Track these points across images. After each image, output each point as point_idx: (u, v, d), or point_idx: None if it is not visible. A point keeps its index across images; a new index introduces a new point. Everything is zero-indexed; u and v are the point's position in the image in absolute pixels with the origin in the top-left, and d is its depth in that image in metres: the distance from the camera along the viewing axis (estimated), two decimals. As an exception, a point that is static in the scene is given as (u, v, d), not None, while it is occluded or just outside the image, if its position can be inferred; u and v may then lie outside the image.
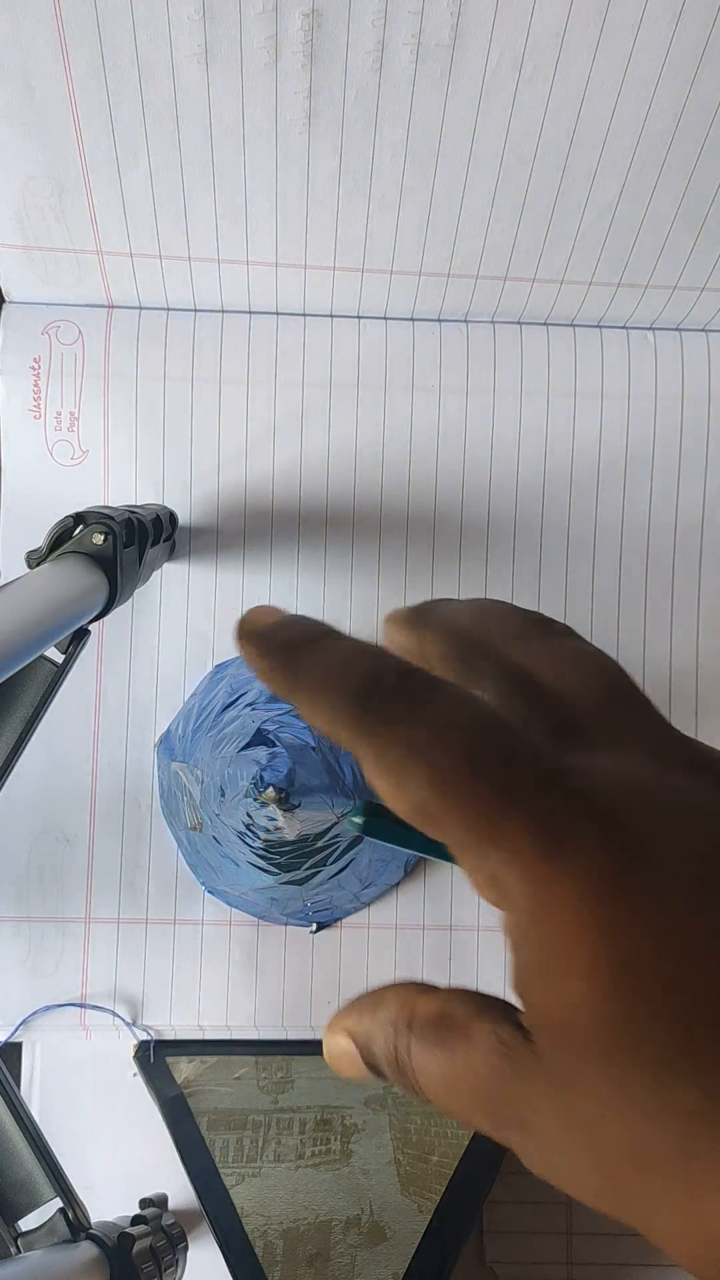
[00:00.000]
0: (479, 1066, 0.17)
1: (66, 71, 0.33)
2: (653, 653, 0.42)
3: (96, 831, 0.41)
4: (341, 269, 0.39)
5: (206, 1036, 0.41)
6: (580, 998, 0.15)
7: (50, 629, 0.29)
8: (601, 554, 0.42)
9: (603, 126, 0.34)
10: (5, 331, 0.40)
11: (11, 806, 0.40)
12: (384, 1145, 0.40)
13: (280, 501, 0.41)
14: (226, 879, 0.39)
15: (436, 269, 0.39)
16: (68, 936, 0.40)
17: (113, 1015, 0.40)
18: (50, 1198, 0.34)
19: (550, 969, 0.16)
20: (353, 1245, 0.39)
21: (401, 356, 0.41)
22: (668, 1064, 0.14)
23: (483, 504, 0.42)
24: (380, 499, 0.41)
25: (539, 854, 0.16)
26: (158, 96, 0.33)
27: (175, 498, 0.41)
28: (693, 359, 0.42)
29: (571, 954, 0.15)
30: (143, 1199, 0.40)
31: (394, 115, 0.34)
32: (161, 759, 0.40)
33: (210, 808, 0.37)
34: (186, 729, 0.39)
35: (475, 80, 0.33)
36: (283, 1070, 0.41)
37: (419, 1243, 0.39)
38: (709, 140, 0.35)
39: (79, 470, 0.41)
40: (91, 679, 0.41)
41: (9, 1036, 0.40)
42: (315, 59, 0.32)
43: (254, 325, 0.41)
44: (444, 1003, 0.18)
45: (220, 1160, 0.40)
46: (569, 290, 0.40)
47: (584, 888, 0.15)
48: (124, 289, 0.40)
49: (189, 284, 0.40)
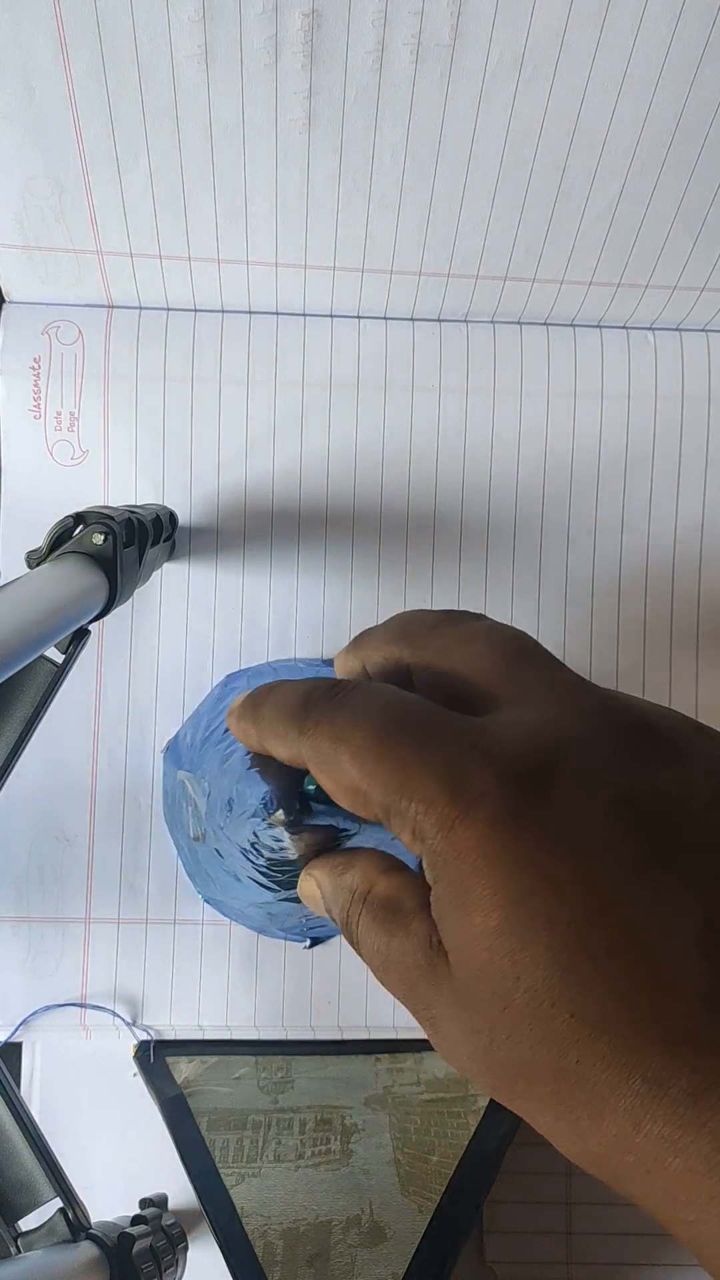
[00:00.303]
0: (408, 958, 0.19)
1: (66, 71, 0.33)
2: (653, 653, 0.42)
3: (96, 831, 0.41)
4: (341, 269, 0.39)
5: (206, 1036, 0.41)
6: (479, 930, 0.17)
7: (50, 629, 0.29)
8: (601, 554, 0.42)
9: (603, 127, 0.34)
10: (5, 331, 0.40)
11: (11, 806, 0.40)
12: (384, 1145, 0.40)
13: (280, 501, 0.41)
14: (225, 891, 0.39)
15: (436, 269, 0.39)
16: (68, 936, 0.40)
17: (113, 1015, 0.40)
18: (50, 1198, 0.34)
19: (456, 902, 0.17)
20: (353, 1245, 0.39)
21: (401, 356, 0.41)
22: (548, 992, 0.16)
23: (483, 504, 0.42)
24: (380, 499, 0.41)
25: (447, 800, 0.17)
26: (158, 97, 0.33)
27: (175, 498, 0.41)
28: (693, 359, 0.42)
29: (473, 890, 0.17)
30: (143, 1199, 0.40)
31: (394, 115, 0.34)
32: (167, 765, 0.40)
33: (215, 820, 0.37)
34: (195, 739, 0.39)
35: (475, 80, 0.33)
36: (283, 1070, 0.41)
37: (419, 1243, 0.39)
38: (709, 140, 0.35)
39: (79, 470, 0.41)
40: (91, 679, 0.41)
41: (9, 1036, 0.40)
42: (315, 59, 0.32)
43: (254, 325, 0.41)
44: (399, 889, 0.20)
45: (220, 1160, 0.40)
46: (569, 290, 0.40)
47: (486, 830, 0.17)
48: (124, 289, 0.40)
49: (189, 284, 0.40)
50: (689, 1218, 0.15)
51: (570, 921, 0.16)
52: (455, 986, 0.18)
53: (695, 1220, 0.15)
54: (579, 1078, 0.16)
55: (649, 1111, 0.15)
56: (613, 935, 0.16)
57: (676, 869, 0.16)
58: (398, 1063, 0.41)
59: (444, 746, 0.18)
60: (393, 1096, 0.41)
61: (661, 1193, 0.15)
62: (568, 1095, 0.16)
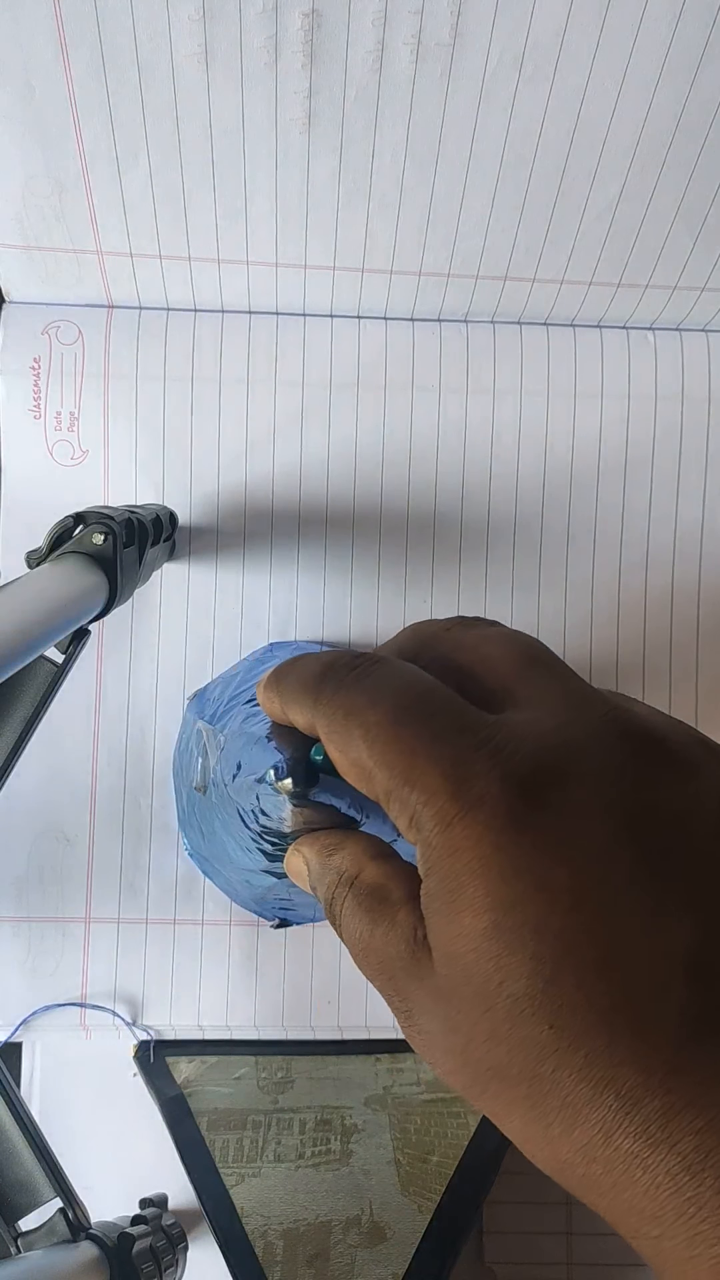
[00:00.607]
0: (390, 948, 0.19)
1: (66, 71, 0.33)
2: (653, 653, 0.42)
3: (96, 831, 0.41)
4: (341, 269, 0.39)
5: (206, 1036, 0.41)
6: (467, 930, 0.17)
7: (50, 629, 0.29)
8: (601, 554, 0.42)
9: (603, 126, 0.34)
10: (5, 331, 0.40)
11: (11, 806, 0.40)
12: (384, 1145, 0.40)
13: (280, 501, 0.41)
14: (212, 849, 0.38)
15: (436, 269, 0.39)
16: (68, 936, 0.40)
17: (113, 1015, 0.40)
18: (50, 1198, 0.34)
19: (447, 899, 0.17)
20: (353, 1245, 0.39)
21: (401, 356, 0.41)
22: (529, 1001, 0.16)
23: (483, 503, 0.42)
24: (380, 499, 0.41)
25: (449, 795, 0.17)
26: (158, 96, 0.33)
27: (175, 498, 0.41)
28: (693, 359, 0.42)
29: (465, 889, 0.17)
30: (143, 1199, 0.40)
31: (394, 115, 0.34)
32: (189, 713, 0.40)
33: (222, 776, 0.36)
34: (223, 695, 0.39)
35: (475, 80, 0.33)
36: (283, 1070, 0.41)
37: (419, 1243, 0.39)
38: (709, 140, 0.35)
39: (79, 470, 0.41)
40: (91, 679, 0.41)
41: (9, 1036, 0.40)
42: (315, 59, 0.32)
43: (254, 325, 0.41)
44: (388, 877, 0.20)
45: (220, 1160, 0.40)
46: (569, 290, 0.40)
47: (483, 831, 0.17)
48: (124, 289, 0.40)
49: (189, 284, 0.40)
50: (653, 1233, 0.15)
51: (559, 933, 0.16)
52: (437, 983, 0.18)
53: (659, 1236, 0.15)
54: (553, 1084, 0.16)
55: (620, 1126, 0.15)
56: (600, 951, 0.16)
57: (673, 889, 0.16)
58: (398, 1063, 0.41)
59: (453, 740, 0.18)
60: (393, 1096, 0.41)
61: (626, 1206, 0.15)
62: (540, 1101, 0.16)
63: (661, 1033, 0.15)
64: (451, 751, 0.18)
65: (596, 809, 0.17)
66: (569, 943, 0.16)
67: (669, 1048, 0.15)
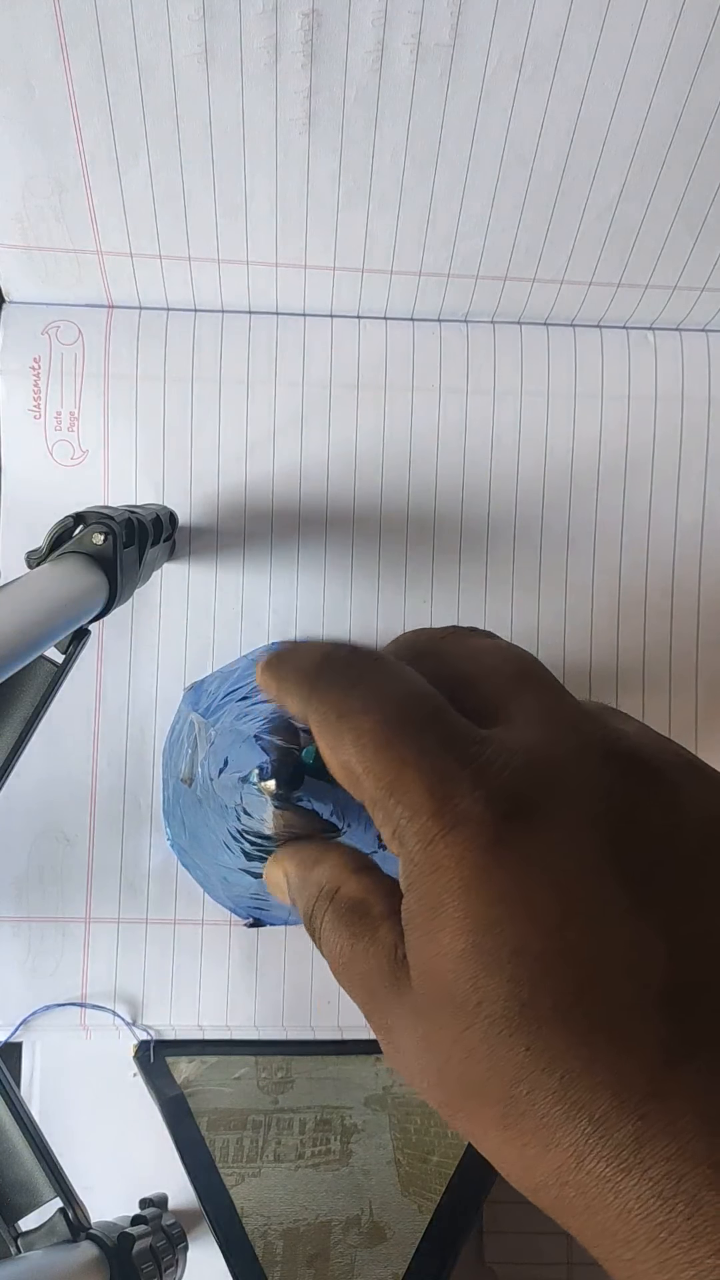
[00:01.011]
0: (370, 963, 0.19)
1: (66, 71, 0.33)
2: (653, 653, 0.42)
3: (96, 831, 0.41)
4: (341, 269, 0.39)
5: (206, 1036, 0.41)
6: (446, 949, 0.17)
7: (50, 629, 0.29)
8: (601, 554, 0.42)
9: (603, 126, 0.34)
10: (5, 331, 0.40)
11: (11, 806, 0.40)
12: (384, 1145, 0.40)
13: (280, 501, 0.41)
14: (192, 842, 0.38)
15: (436, 269, 0.39)
16: (68, 936, 0.40)
17: (113, 1015, 0.40)
18: (50, 1198, 0.34)
19: (428, 917, 0.17)
20: (353, 1245, 0.39)
21: (401, 356, 0.41)
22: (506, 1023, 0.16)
23: (482, 504, 0.42)
24: (380, 499, 0.41)
25: (431, 813, 0.17)
26: (158, 96, 0.33)
27: (175, 498, 0.41)
28: (693, 359, 0.42)
29: (445, 908, 0.17)
30: (143, 1199, 0.40)
31: (394, 115, 0.34)
32: (184, 704, 0.40)
33: (208, 770, 0.37)
34: (220, 689, 0.39)
35: (475, 80, 0.33)
36: (283, 1070, 0.41)
37: (419, 1243, 0.39)
38: (709, 140, 0.35)
39: (79, 470, 0.41)
40: (91, 679, 0.41)
41: (9, 1036, 0.40)
42: (315, 59, 0.32)
43: (254, 325, 0.41)
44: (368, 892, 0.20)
45: (220, 1160, 0.40)
46: (569, 290, 0.40)
47: (465, 850, 0.17)
48: (124, 289, 0.40)
49: (189, 284, 0.40)
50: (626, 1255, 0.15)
51: (538, 956, 0.16)
52: (415, 1000, 0.18)
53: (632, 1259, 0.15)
54: (529, 1106, 0.16)
55: (593, 1150, 0.15)
56: (578, 975, 0.16)
57: (654, 915, 0.16)
58: (398, 1063, 0.41)
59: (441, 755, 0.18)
60: (393, 1096, 0.41)
61: (599, 1229, 0.15)
62: (516, 1122, 0.16)
63: (637, 1057, 0.15)
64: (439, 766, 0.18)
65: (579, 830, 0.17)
66: (547, 965, 0.16)
67: (644, 1073, 0.15)
